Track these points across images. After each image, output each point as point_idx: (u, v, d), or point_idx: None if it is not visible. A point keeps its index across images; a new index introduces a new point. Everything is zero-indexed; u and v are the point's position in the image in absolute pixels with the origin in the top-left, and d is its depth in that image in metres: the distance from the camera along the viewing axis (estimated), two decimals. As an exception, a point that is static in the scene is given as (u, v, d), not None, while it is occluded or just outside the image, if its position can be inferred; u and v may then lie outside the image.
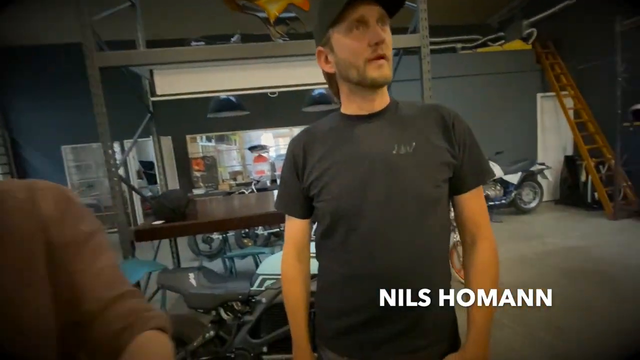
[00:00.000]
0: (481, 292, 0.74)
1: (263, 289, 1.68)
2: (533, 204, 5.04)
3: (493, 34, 6.20)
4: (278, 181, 1.05)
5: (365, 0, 0.66)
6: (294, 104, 4.10)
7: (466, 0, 6.09)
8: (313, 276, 0.92)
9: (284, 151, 8.19)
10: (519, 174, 4.82)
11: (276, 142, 7.97)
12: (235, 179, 7.18)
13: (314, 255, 0.89)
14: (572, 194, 5.22)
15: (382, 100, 0.77)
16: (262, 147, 7.14)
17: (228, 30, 2.82)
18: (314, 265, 0.90)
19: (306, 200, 0.81)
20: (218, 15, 3.97)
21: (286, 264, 0.86)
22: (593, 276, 2.81)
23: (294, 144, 0.82)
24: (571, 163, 5.26)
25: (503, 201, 4.81)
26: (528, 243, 3.76)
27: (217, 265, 3.73)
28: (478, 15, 6.95)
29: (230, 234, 4.03)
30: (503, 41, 6.01)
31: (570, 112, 5.24)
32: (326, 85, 0.88)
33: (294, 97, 3.41)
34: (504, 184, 4.85)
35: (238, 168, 7.69)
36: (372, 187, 0.71)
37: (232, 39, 2.47)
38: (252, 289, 1.68)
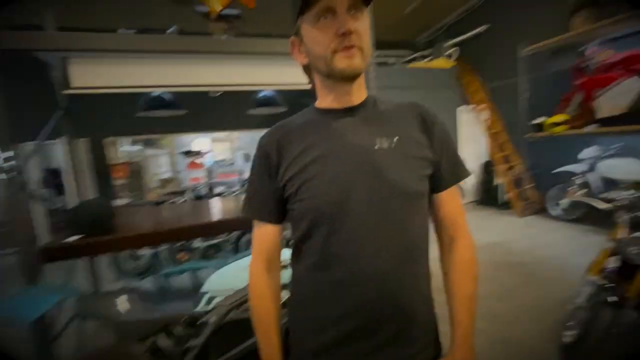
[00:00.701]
0: (465, 292, 0.73)
1: (211, 307, 1.49)
2: (459, 206, 5.58)
3: (421, 51, 6.82)
4: (217, 189, 0.92)
5: None
6: (238, 105, 3.88)
7: (399, 19, 6.59)
8: (283, 286, 0.82)
9: (222, 156, 7.83)
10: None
11: (213, 146, 7.49)
12: (165, 188, 6.55)
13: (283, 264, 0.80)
14: (488, 195, 5.93)
15: (359, 94, 0.72)
16: (198, 153, 6.66)
17: (164, 25, 2.54)
18: (285, 276, 0.80)
19: (280, 203, 0.73)
20: (154, 6, 3.60)
21: (255, 277, 0.77)
22: (515, 267, 3.18)
23: (265, 140, 0.74)
24: (487, 168, 6.00)
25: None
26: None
27: (146, 285, 3.30)
28: (409, 34, 7.59)
29: (163, 247, 3.61)
30: (431, 57, 6.65)
31: (485, 124, 5.97)
32: (273, 87, 0.82)
33: (239, 99, 3.22)
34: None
35: (168, 175, 7.03)
36: (356, 184, 0.66)
37: (168, 31, 2.22)
38: (197, 309, 1.48)
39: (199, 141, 7.17)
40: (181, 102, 3.08)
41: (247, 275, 0.77)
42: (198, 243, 3.98)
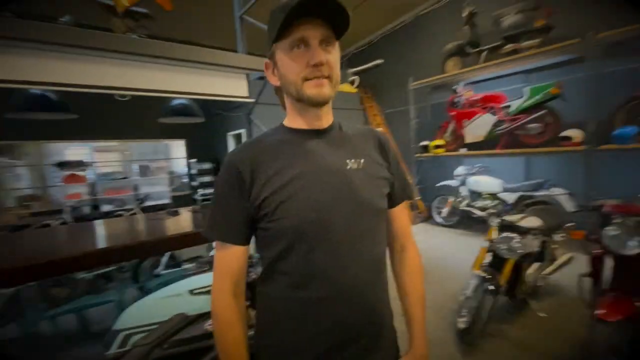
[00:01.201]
0: (418, 292, 0.83)
1: (128, 348, 1.26)
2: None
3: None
4: (104, 207, 0.82)
5: (309, 19, 0.65)
6: (142, 113, 3.43)
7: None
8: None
9: (108, 169, 6.69)
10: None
11: (96, 157, 6.30)
12: (29, 207, 5.26)
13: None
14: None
15: (327, 117, 0.78)
16: (79, 164, 5.58)
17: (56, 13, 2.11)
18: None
19: (248, 223, 0.72)
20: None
21: (222, 303, 0.73)
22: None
23: (237, 158, 0.73)
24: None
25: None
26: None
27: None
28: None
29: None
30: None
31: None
32: (186, 95, 0.81)
33: (143, 105, 2.87)
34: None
35: (31, 191, 5.63)
36: (333, 202, 0.70)
37: (62, 19, 1.86)
38: (110, 352, 1.24)
39: (76, 151, 5.94)
40: (70, 103, 2.55)
41: (170, 306, 0.71)
42: (83, 273, 3.28)
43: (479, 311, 2.16)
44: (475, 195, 4.94)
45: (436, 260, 3.91)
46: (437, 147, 5.32)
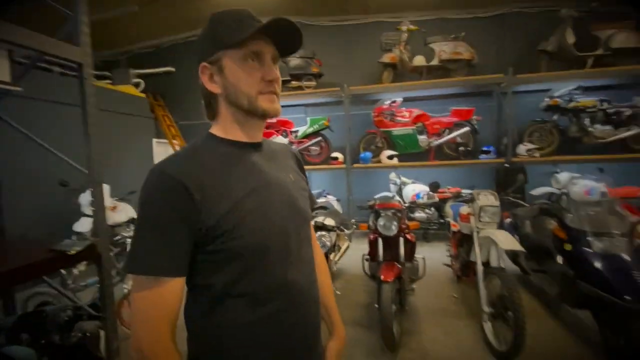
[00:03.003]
0: (328, 285, 0.97)
1: None
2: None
3: (99, 71, 6.03)
4: None
5: (263, 37, 0.68)
6: None
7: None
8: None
9: None
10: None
11: None
12: None
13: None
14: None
15: (261, 132, 0.80)
16: None
17: None
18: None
19: (190, 251, 0.63)
20: None
21: (163, 351, 0.61)
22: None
23: (179, 172, 0.62)
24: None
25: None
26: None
27: None
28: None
29: None
30: (112, 80, 6.06)
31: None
32: None
33: None
34: (136, 223, 4.80)
35: None
36: (286, 214, 0.73)
37: None
38: None
39: None
40: None
41: None
42: None
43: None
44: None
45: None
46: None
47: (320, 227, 2.82)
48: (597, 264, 2.11)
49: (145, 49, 6.93)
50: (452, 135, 4.97)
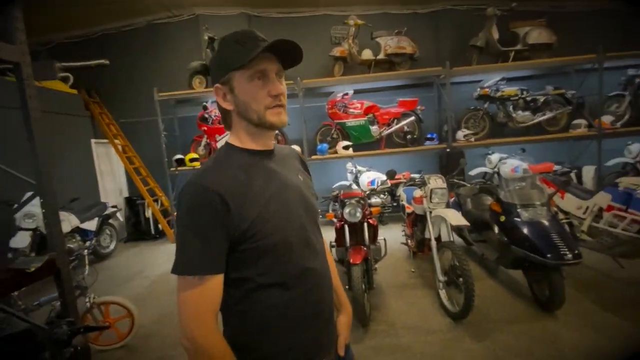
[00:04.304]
0: (334, 270, 1.06)
1: None
2: (111, 247, 5.06)
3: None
4: None
5: (267, 55, 0.76)
6: None
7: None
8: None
9: None
10: (96, 219, 4.64)
11: None
12: None
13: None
14: (137, 230, 5.88)
15: (272, 140, 0.89)
16: None
17: None
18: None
19: (226, 250, 0.73)
20: None
21: (213, 340, 0.71)
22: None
23: (213, 183, 0.71)
24: (132, 203, 5.93)
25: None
26: (132, 283, 3.85)
27: None
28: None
29: None
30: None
31: (125, 159, 5.88)
32: None
33: None
34: (82, 233, 4.42)
35: None
36: (302, 212, 0.84)
37: None
38: None
39: None
40: None
41: None
42: None
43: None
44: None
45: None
46: (193, 160, 5.40)
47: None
48: (525, 231, 2.52)
49: (72, 39, 6.20)
50: (400, 125, 5.34)
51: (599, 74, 5.06)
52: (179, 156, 5.43)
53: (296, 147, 5.29)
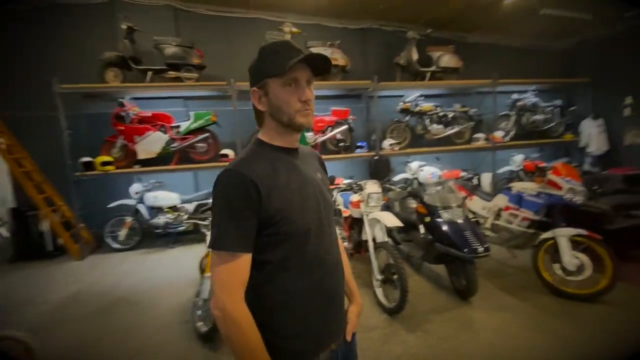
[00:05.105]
0: (346, 262, 1.11)
1: None
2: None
3: None
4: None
5: (300, 65, 0.85)
6: None
7: None
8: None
9: None
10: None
11: None
12: None
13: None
14: (29, 247, 4.85)
15: (297, 140, 0.98)
16: None
17: None
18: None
19: (255, 233, 0.83)
20: None
21: (241, 310, 0.80)
22: (122, 305, 3.15)
23: (248, 172, 0.82)
24: (20, 216, 4.88)
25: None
26: (25, 311, 3.16)
27: None
28: None
29: None
30: None
31: (10, 162, 4.82)
32: None
33: None
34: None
35: None
36: (320, 204, 0.94)
37: None
38: None
39: None
40: None
41: None
42: None
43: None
44: (155, 210, 4.99)
45: (142, 284, 3.61)
46: (105, 163, 4.73)
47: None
48: (446, 229, 2.87)
49: None
50: (333, 132, 5.56)
51: (493, 96, 6.09)
52: (86, 159, 4.69)
53: (229, 151, 5.11)
